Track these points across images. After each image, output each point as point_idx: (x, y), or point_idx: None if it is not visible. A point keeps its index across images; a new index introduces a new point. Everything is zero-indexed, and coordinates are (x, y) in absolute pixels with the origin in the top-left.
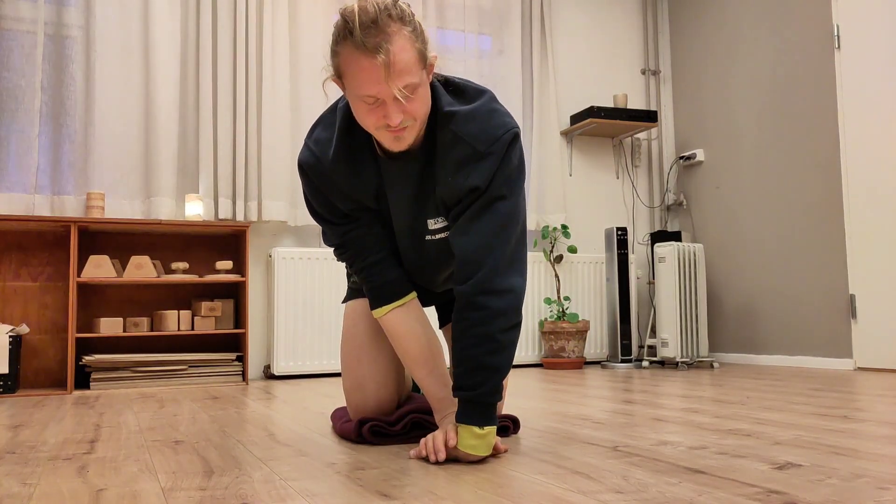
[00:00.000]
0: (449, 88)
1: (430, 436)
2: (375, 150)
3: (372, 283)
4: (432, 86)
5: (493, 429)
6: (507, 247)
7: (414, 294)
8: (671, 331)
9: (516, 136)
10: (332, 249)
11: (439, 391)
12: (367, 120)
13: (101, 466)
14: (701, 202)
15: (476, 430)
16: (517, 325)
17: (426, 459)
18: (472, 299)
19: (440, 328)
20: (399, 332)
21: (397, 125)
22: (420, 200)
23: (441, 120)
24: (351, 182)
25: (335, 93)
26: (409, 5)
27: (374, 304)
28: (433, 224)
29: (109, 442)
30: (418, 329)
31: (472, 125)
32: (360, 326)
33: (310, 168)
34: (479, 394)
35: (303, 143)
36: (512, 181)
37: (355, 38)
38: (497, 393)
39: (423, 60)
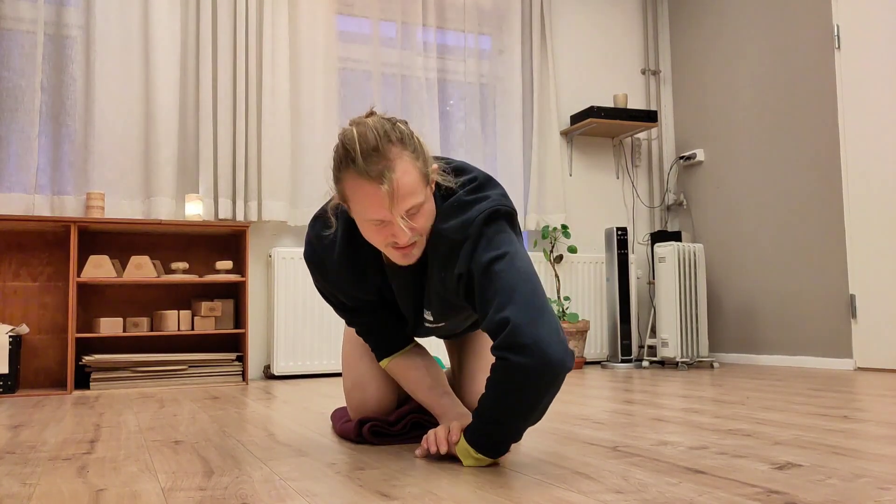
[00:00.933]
0: (440, 192)
1: (431, 430)
2: (380, 258)
3: (375, 343)
4: None
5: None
6: (523, 301)
7: (415, 342)
8: (671, 331)
9: (492, 214)
10: None
11: (441, 398)
12: (376, 238)
13: (101, 466)
14: (701, 202)
15: (481, 456)
16: (547, 386)
17: (429, 453)
18: (498, 356)
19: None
20: (401, 372)
21: (405, 243)
22: (418, 298)
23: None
24: (354, 282)
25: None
26: (406, 124)
27: (378, 356)
28: (427, 315)
29: (109, 442)
30: (419, 362)
31: (450, 219)
32: None
33: (314, 266)
34: (494, 443)
35: (309, 222)
36: (495, 245)
37: (358, 167)
38: (512, 441)
39: (426, 178)
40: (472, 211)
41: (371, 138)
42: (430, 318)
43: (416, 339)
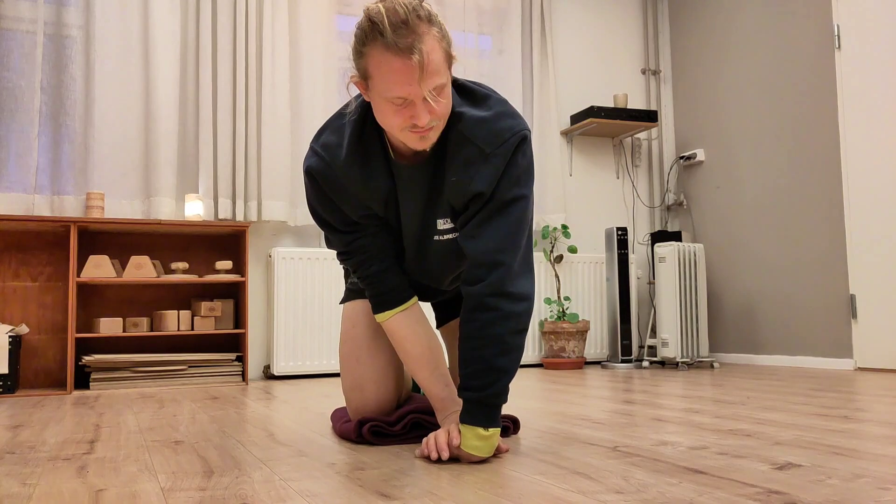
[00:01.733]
0: (458, 89)
1: (432, 435)
2: (388, 154)
3: (375, 289)
4: None
5: (497, 430)
6: (519, 251)
7: (416, 298)
8: (671, 331)
9: (524, 139)
10: (334, 252)
11: (441, 391)
12: (393, 121)
13: (101, 466)
14: (701, 202)
15: (481, 431)
16: (525, 330)
17: (429, 458)
18: (484, 300)
19: (437, 328)
20: (401, 334)
21: (425, 125)
22: (430, 202)
23: (450, 121)
24: (362, 186)
25: (347, 91)
26: (430, 5)
27: (377, 310)
28: (442, 224)
29: (109, 442)
30: (420, 331)
31: (479, 126)
32: (359, 327)
33: (318, 173)
34: (486, 395)
35: (308, 148)
36: (521, 184)
37: (387, 39)
38: (504, 395)
39: (450, 60)
40: (505, 128)
41: (400, 12)
42: (447, 226)
43: (416, 297)
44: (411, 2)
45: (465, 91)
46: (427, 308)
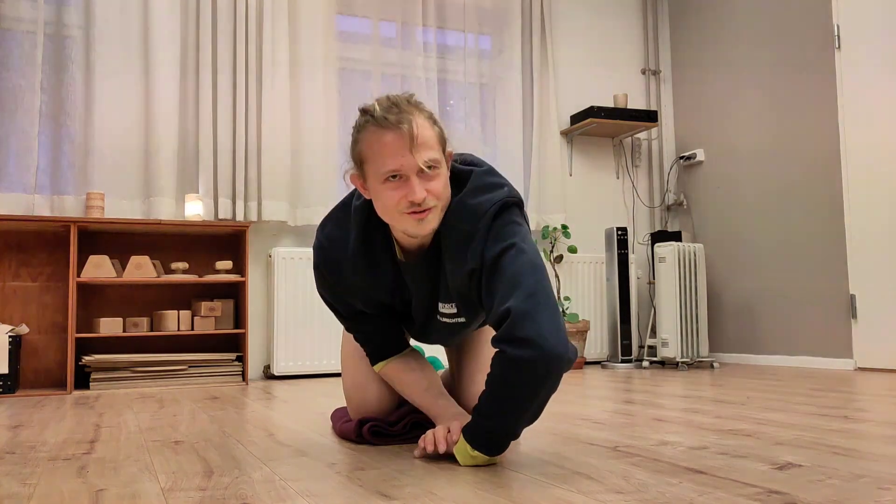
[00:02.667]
0: (452, 178)
1: (430, 431)
2: (393, 252)
3: (373, 349)
4: None
5: (483, 457)
6: (522, 289)
7: (410, 347)
8: (671, 331)
9: (502, 207)
10: None
11: (437, 400)
12: (391, 202)
13: (101, 467)
14: (701, 202)
15: (469, 449)
16: (549, 377)
17: (427, 453)
18: (502, 347)
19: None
20: (397, 374)
21: (421, 201)
22: (433, 290)
23: (446, 212)
24: (369, 282)
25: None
26: (422, 103)
27: (373, 361)
28: (444, 308)
29: (109, 442)
30: (414, 365)
31: (461, 210)
32: None
33: (325, 267)
34: (495, 428)
35: (314, 238)
36: (504, 238)
37: (377, 119)
38: (513, 436)
39: (443, 143)
40: (481, 203)
41: (391, 98)
42: (451, 311)
43: (418, 343)
44: (402, 95)
45: (454, 177)
46: None
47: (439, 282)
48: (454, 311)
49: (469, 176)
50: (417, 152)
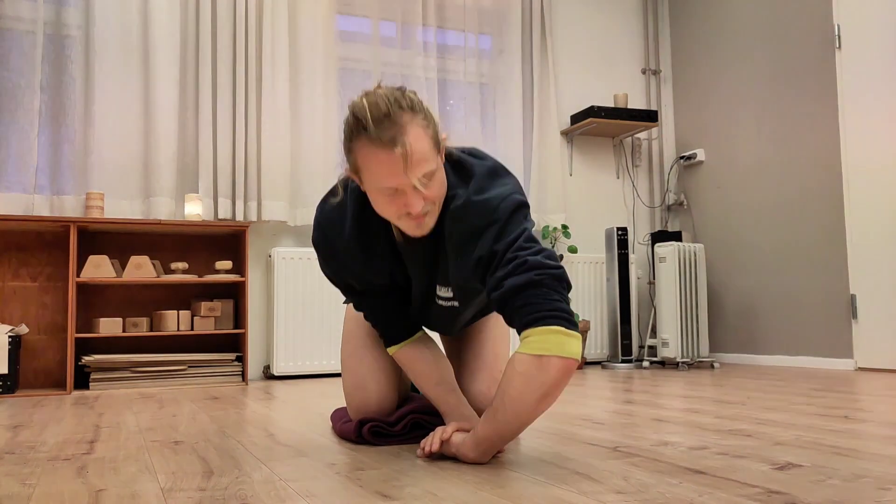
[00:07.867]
0: (451, 164)
1: (430, 434)
2: (391, 234)
3: (384, 329)
4: None
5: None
6: (508, 238)
7: (423, 331)
8: (671, 331)
9: (520, 205)
10: None
11: (447, 396)
12: (388, 210)
13: (101, 467)
14: (701, 202)
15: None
16: (559, 286)
17: (429, 456)
18: (500, 285)
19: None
20: (411, 361)
21: (419, 212)
22: (431, 273)
23: (446, 201)
24: (365, 265)
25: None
26: (415, 93)
27: (388, 344)
28: (441, 291)
29: (109, 442)
30: (428, 354)
31: (471, 204)
32: (362, 326)
33: (323, 248)
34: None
35: (315, 210)
36: (513, 226)
37: (370, 133)
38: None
39: (437, 145)
40: (496, 197)
41: (382, 105)
42: (447, 295)
43: (424, 328)
44: (393, 93)
45: (458, 165)
46: None
47: (438, 265)
48: (450, 294)
49: (476, 168)
50: (412, 171)
